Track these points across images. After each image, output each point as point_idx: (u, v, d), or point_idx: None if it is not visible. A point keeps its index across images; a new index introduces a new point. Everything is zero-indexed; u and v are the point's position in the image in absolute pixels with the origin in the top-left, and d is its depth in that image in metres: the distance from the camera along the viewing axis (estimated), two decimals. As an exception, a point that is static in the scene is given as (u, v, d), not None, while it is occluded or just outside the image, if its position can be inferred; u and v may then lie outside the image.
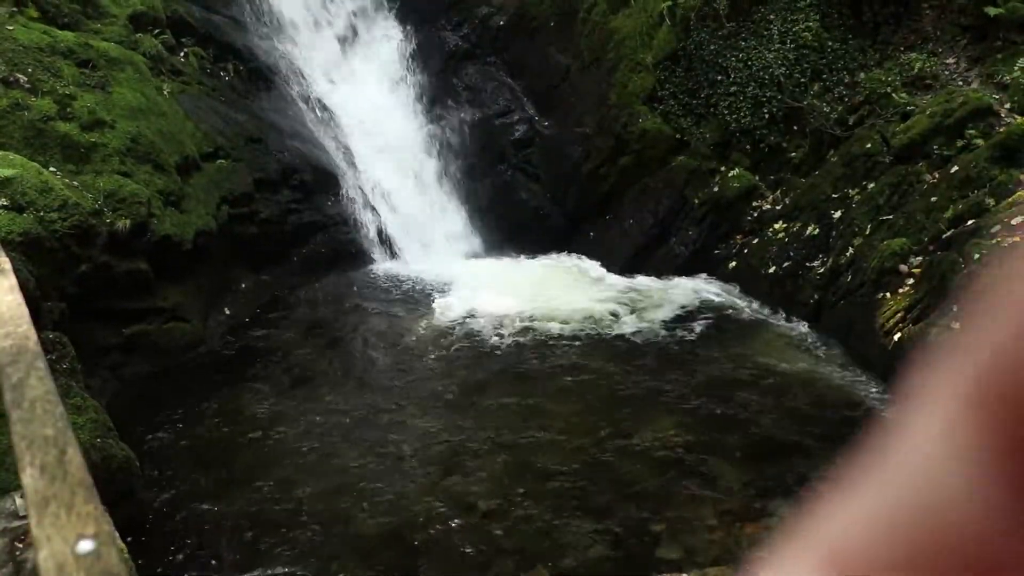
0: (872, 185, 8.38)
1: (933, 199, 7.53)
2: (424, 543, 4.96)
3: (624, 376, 7.37)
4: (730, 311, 8.87)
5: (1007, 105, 8.00)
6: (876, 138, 8.59)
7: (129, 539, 4.72)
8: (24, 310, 2.31)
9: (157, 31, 10.17)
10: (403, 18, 13.57)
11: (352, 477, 5.77)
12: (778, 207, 9.61)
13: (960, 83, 8.62)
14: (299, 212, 10.54)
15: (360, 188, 11.46)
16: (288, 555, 4.91)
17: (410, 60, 13.20)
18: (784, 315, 8.65)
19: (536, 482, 5.60)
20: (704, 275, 9.91)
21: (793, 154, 9.78)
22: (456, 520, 5.18)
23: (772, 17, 10.09)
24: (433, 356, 7.99)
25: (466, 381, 7.39)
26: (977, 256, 6.28)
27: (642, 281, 10.03)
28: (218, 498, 5.53)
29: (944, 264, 6.53)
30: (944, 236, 7.15)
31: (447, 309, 9.16)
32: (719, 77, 10.33)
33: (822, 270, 8.39)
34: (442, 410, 6.84)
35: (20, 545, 3.63)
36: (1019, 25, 8.53)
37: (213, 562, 4.88)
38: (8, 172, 6.39)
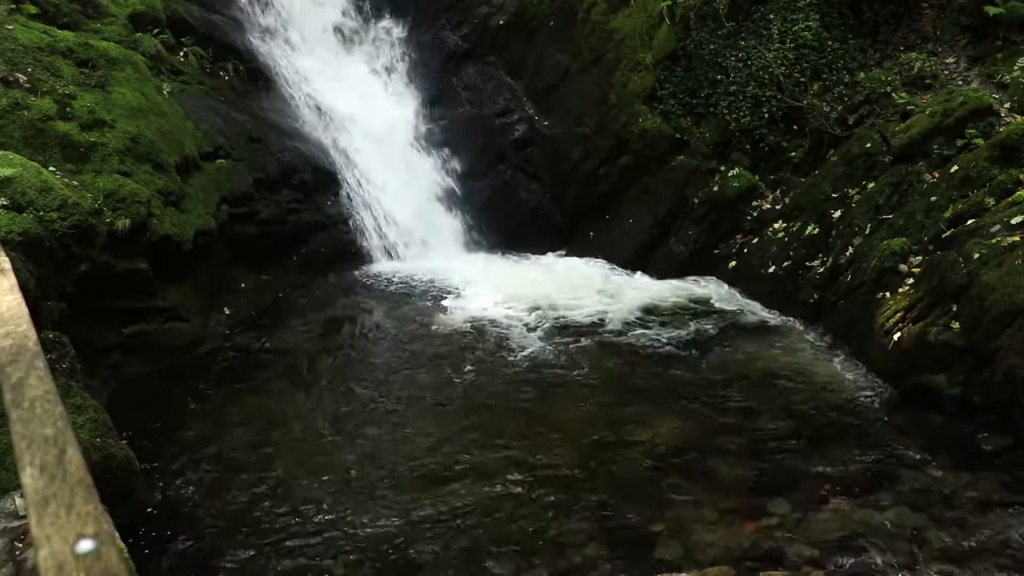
0: (872, 185, 8.38)
1: (933, 199, 7.53)
2: (423, 543, 4.96)
3: (623, 375, 7.37)
4: (730, 311, 8.87)
5: (1007, 105, 8.00)
6: (876, 138, 8.59)
7: (129, 539, 4.72)
8: (24, 310, 2.31)
9: (157, 31, 10.16)
10: (402, 18, 13.57)
11: (352, 476, 5.77)
12: (778, 207, 9.61)
13: (960, 83, 8.62)
14: (299, 212, 10.54)
15: (360, 188, 11.46)
16: (287, 555, 4.92)
17: (410, 60, 13.21)
18: (784, 315, 8.66)
19: (535, 481, 5.60)
20: (704, 275, 9.93)
21: (793, 154, 9.78)
22: (455, 520, 5.18)
23: (772, 16, 10.09)
24: (432, 355, 7.99)
25: (465, 380, 7.39)
26: (977, 256, 6.28)
27: (642, 281, 10.05)
28: (218, 497, 5.53)
29: (944, 264, 6.53)
30: (944, 236, 7.15)
31: (445, 308, 9.17)
32: (719, 77, 10.33)
33: (822, 270, 8.39)
34: (441, 409, 6.85)
35: (20, 545, 3.63)
36: (1019, 25, 8.53)
37: (213, 562, 4.88)
38: (8, 172, 6.38)
